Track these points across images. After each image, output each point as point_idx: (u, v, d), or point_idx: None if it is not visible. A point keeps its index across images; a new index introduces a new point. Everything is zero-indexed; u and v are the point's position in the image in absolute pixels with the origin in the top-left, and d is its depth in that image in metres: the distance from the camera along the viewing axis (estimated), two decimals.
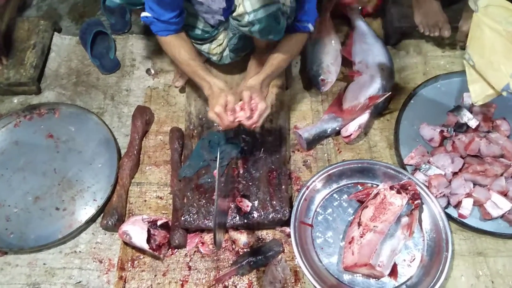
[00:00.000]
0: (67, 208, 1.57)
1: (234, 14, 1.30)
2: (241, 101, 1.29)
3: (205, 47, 1.59)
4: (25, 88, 1.83)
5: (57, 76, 1.91)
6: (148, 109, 1.74)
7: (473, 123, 1.64)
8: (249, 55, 1.68)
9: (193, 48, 1.47)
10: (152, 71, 1.90)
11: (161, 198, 1.58)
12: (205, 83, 1.36)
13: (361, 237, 1.40)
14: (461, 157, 1.58)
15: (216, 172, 1.15)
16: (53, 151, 1.69)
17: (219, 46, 1.58)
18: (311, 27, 1.48)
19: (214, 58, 1.62)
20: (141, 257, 1.47)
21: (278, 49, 1.46)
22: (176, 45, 1.43)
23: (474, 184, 1.55)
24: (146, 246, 1.39)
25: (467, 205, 1.51)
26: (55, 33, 2.01)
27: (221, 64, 1.67)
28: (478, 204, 1.52)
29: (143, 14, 1.41)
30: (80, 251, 1.49)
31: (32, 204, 1.58)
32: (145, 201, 1.57)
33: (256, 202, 1.47)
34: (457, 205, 1.53)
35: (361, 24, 1.93)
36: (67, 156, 1.68)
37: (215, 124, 1.66)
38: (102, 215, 1.52)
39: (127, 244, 1.47)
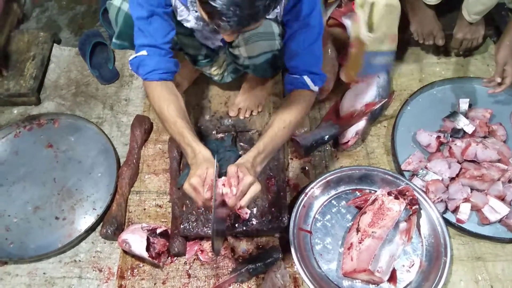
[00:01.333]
0: (66, 218, 1.57)
1: (231, 50, 1.29)
2: (224, 177, 1.08)
3: (206, 69, 1.61)
4: (25, 99, 1.85)
5: (57, 86, 1.93)
6: (147, 118, 1.76)
7: (469, 128, 1.66)
8: None
9: (183, 106, 1.26)
10: None
11: (160, 206, 1.59)
12: (190, 149, 1.15)
13: (360, 243, 1.40)
14: (458, 162, 1.60)
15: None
16: (52, 161, 1.70)
17: (220, 68, 1.60)
18: (308, 80, 1.27)
19: (216, 78, 1.64)
20: (141, 265, 1.47)
21: (274, 117, 1.26)
22: (165, 97, 1.23)
23: (472, 189, 1.56)
24: (145, 254, 1.39)
25: (465, 210, 1.51)
26: (55, 44, 2.03)
27: (223, 82, 1.69)
28: (476, 209, 1.53)
29: (131, 56, 1.28)
30: (80, 260, 1.50)
31: (32, 214, 1.58)
32: (145, 209, 1.58)
33: (254, 210, 1.48)
34: (455, 210, 1.53)
35: None
36: (67, 166, 1.69)
37: (213, 132, 1.68)
38: (101, 224, 1.52)
39: (126, 252, 1.47)
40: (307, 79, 1.29)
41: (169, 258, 1.48)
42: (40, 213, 1.58)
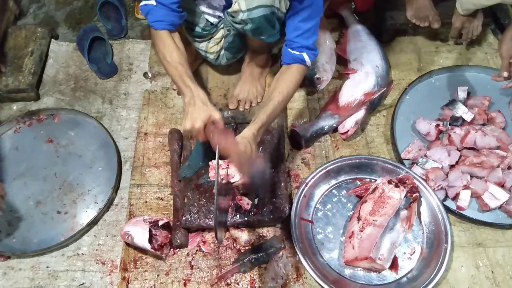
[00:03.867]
0: (68, 212, 1.58)
1: (230, 10, 1.32)
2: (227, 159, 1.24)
3: (203, 45, 1.61)
4: (24, 94, 1.84)
5: (56, 82, 1.92)
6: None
7: (468, 116, 1.66)
8: (243, 58, 1.69)
9: (185, 53, 1.38)
10: (150, 75, 1.92)
11: (161, 199, 1.59)
12: (189, 91, 1.27)
13: (361, 231, 1.41)
14: (458, 150, 1.60)
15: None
16: (53, 156, 1.70)
17: (217, 45, 1.60)
18: (306, 57, 1.38)
19: (211, 57, 1.64)
20: (144, 257, 1.47)
21: (273, 89, 1.37)
22: (169, 45, 1.35)
23: (471, 176, 1.56)
24: (148, 246, 1.40)
25: (465, 197, 1.52)
26: (52, 40, 2.03)
27: (218, 64, 1.69)
28: (475, 195, 1.54)
29: (142, 2, 1.37)
30: (82, 253, 1.50)
31: (34, 209, 1.59)
32: (146, 202, 1.59)
33: (256, 200, 1.48)
34: (455, 197, 1.54)
35: (354, 23, 1.96)
36: (67, 160, 1.69)
37: None
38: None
39: (129, 245, 1.48)
40: (305, 56, 1.38)
41: (172, 250, 1.48)
42: (42, 208, 1.59)
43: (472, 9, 1.72)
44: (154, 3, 1.33)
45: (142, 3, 1.37)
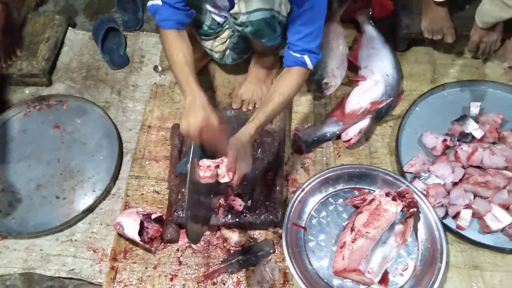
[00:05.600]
0: (67, 197, 1.61)
1: (232, 11, 1.31)
2: (220, 159, 1.20)
3: (208, 44, 1.61)
4: (36, 79, 1.89)
5: (68, 69, 1.96)
6: None
7: (478, 133, 1.61)
8: (251, 58, 1.69)
9: (192, 53, 1.38)
10: (160, 68, 1.93)
11: (158, 192, 1.60)
12: (190, 92, 1.26)
13: (353, 242, 1.38)
14: (463, 167, 1.55)
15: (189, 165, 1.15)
16: (58, 142, 1.74)
17: (222, 44, 1.60)
18: (307, 60, 1.36)
19: (216, 56, 1.64)
20: (134, 249, 1.49)
21: (273, 90, 1.36)
22: (176, 44, 1.35)
23: (475, 196, 1.51)
24: (137, 238, 1.41)
25: (465, 217, 1.47)
26: (70, 28, 2.06)
27: (223, 63, 1.68)
28: (477, 216, 1.49)
29: (150, 2, 1.38)
30: (76, 240, 1.53)
31: (35, 192, 1.62)
32: (142, 194, 1.60)
33: (249, 202, 1.47)
34: (456, 216, 1.49)
35: (370, 29, 1.91)
36: (71, 147, 1.72)
37: None
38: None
39: (121, 236, 1.49)
40: (307, 59, 1.36)
41: (162, 244, 1.49)
42: (42, 191, 1.62)
43: (492, 23, 1.66)
44: (160, 2, 1.35)
45: (149, 3, 1.38)
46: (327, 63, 1.79)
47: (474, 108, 1.69)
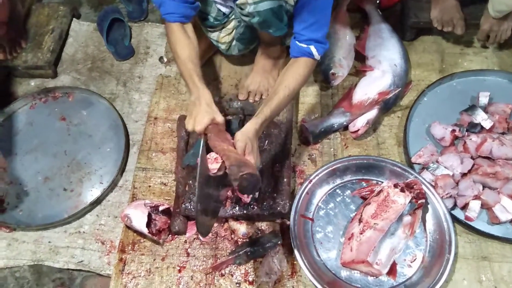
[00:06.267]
0: (74, 189, 1.61)
1: (238, 2, 1.30)
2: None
3: (214, 35, 1.60)
4: (42, 71, 1.88)
5: (73, 61, 1.95)
6: None
7: (487, 123, 1.59)
8: (257, 48, 1.67)
9: (196, 48, 1.37)
10: (165, 59, 1.92)
11: (165, 184, 1.60)
12: (195, 90, 1.29)
13: (361, 233, 1.38)
14: (472, 158, 1.54)
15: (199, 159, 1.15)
16: (64, 134, 1.74)
17: (228, 35, 1.58)
18: (314, 50, 1.34)
19: (223, 47, 1.62)
20: (142, 241, 1.49)
21: (279, 83, 1.34)
22: (181, 39, 1.35)
23: (484, 187, 1.50)
24: (145, 230, 1.41)
25: (474, 208, 1.46)
26: (74, 19, 2.05)
27: (229, 54, 1.67)
28: (486, 207, 1.48)
29: None
30: (84, 232, 1.53)
31: (42, 184, 1.63)
32: (150, 186, 1.60)
33: (256, 194, 1.47)
34: (464, 207, 1.48)
35: (377, 18, 1.89)
36: (78, 139, 1.72)
37: (221, 114, 1.66)
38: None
39: (129, 227, 1.49)
40: (313, 49, 1.34)
41: (170, 236, 1.49)
42: (49, 184, 1.63)
43: (505, 11, 1.63)
44: None
45: None
46: (334, 53, 1.78)
47: (483, 98, 1.67)
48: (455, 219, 1.45)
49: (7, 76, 1.90)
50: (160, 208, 1.48)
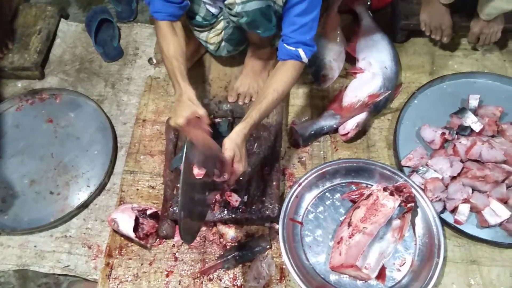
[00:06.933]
0: (61, 193, 1.59)
1: (226, 1, 1.29)
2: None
3: (203, 35, 1.58)
4: (29, 72, 1.85)
5: (61, 62, 1.93)
6: None
7: (477, 126, 1.59)
8: (247, 50, 1.66)
9: (183, 46, 1.38)
10: (154, 61, 1.90)
11: (153, 187, 1.58)
12: (178, 87, 1.29)
13: (350, 237, 1.37)
14: (461, 161, 1.53)
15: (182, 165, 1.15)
16: (51, 136, 1.71)
17: (217, 36, 1.57)
18: (302, 53, 1.32)
19: (211, 47, 1.61)
20: (129, 245, 1.47)
21: (267, 87, 1.32)
22: (168, 37, 1.35)
23: (473, 190, 1.50)
24: (132, 235, 1.39)
25: (463, 211, 1.46)
26: (62, 19, 2.03)
27: (218, 55, 1.65)
28: (475, 210, 1.47)
29: None
30: (70, 236, 1.51)
31: (28, 187, 1.60)
32: (138, 189, 1.58)
33: (245, 197, 1.45)
34: (454, 211, 1.48)
35: (368, 20, 1.88)
36: (65, 142, 1.70)
37: (210, 116, 1.64)
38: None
39: (116, 231, 1.47)
40: (301, 52, 1.32)
41: (158, 240, 1.47)
42: (35, 187, 1.60)
43: (494, 14, 1.63)
44: None
45: None
46: (325, 55, 1.76)
47: (473, 101, 1.67)
48: (444, 222, 1.45)
49: None
50: (148, 212, 1.47)
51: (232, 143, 1.18)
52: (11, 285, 1.45)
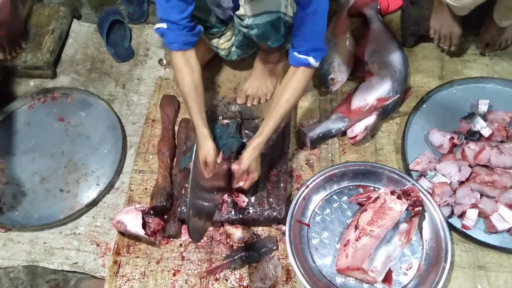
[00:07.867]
0: (71, 191, 1.61)
1: (237, 12, 1.30)
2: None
3: (214, 41, 1.60)
4: (41, 72, 1.88)
5: (73, 62, 1.96)
6: (175, 98, 1.76)
7: (486, 131, 1.58)
8: (256, 53, 1.67)
9: (197, 78, 1.40)
10: (164, 62, 1.92)
11: None
12: (196, 126, 1.37)
13: (357, 240, 1.37)
14: (470, 166, 1.53)
15: (192, 164, 1.18)
16: (62, 135, 1.73)
17: (227, 41, 1.58)
18: (312, 61, 1.33)
19: (222, 53, 1.63)
20: (137, 244, 1.48)
21: (280, 97, 1.36)
22: (182, 72, 1.37)
23: (482, 195, 1.49)
24: (141, 232, 1.40)
25: (471, 216, 1.45)
26: (74, 19, 2.06)
27: (229, 60, 1.67)
28: (483, 215, 1.47)
29: (156, 25, 1.39)
30: (79, 233, 1.53)
31: (39, 185, 1.63)
32: (146, 189, 1.59)
33: (253, 198, 1.46)
34: (461, 215, 1.47)
35: (377, 24, 1.88)
36: (76, 140, 1.72)
37: (219, 118, 1.67)
38: (151, 197, 1.50)
39: (122, 233, 1.48)
40: (311, 60, 1.33)
41: (165, 238, 1.48)
42: (46, 184, 1.63)
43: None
44: (165, 26, 1.35)
45: (155, 26, 1.39)
46: (334, 58, 1.77)
47: (483, 106, 1.66)
48: (452, 227, 1.45)
49: (6, 76, 1.90)
50: (151, 210, 1.48)
51: (249, 159, 1.32)
52: (20, 280, 1.47)
